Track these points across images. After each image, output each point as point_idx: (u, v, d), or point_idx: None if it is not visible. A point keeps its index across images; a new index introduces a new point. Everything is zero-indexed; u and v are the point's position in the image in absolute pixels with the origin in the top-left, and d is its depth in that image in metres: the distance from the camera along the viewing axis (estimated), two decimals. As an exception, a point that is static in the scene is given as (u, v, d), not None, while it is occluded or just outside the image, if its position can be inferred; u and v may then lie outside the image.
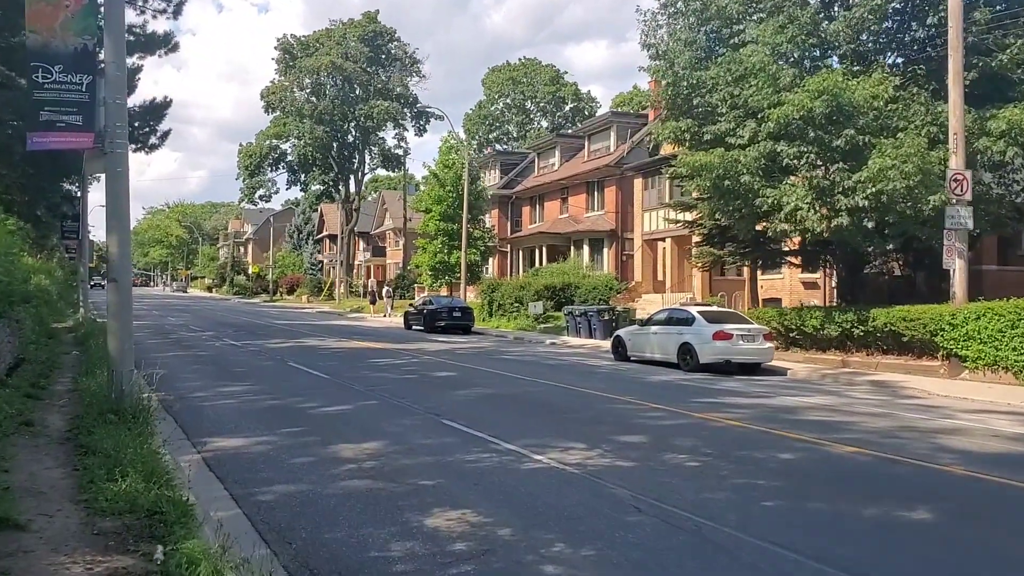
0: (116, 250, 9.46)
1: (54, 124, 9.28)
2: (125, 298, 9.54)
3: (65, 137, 9.36)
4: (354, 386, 14.40)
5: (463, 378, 15.95)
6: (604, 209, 39.51)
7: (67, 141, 9.41)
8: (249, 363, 18.30)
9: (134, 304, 32.97)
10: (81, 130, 9.34)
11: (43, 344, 19.04)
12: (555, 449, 8.98)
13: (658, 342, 19.58)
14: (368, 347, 23.46)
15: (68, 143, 9.44)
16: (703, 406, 12.62)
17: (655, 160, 34.86)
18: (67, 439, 8.79)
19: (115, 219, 9.49)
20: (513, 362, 19.75)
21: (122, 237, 9.53)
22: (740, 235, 21.83)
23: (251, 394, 13.44)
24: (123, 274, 9.54)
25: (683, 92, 20.51)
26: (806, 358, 20.15)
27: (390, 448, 9.04)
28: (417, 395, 13.32)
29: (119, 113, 9.44)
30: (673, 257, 33.92)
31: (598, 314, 27.15)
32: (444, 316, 31.12)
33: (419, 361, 19.28)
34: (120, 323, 9.44)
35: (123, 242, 9.54)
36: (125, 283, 9.57)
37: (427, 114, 59.08)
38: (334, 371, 16.61)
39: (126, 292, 9.56)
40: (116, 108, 9.41)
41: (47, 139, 9.40)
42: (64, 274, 40.28)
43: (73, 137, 9.37)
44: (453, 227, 41.87)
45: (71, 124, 9.31)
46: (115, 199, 9.49)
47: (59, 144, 9.45)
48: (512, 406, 12.52)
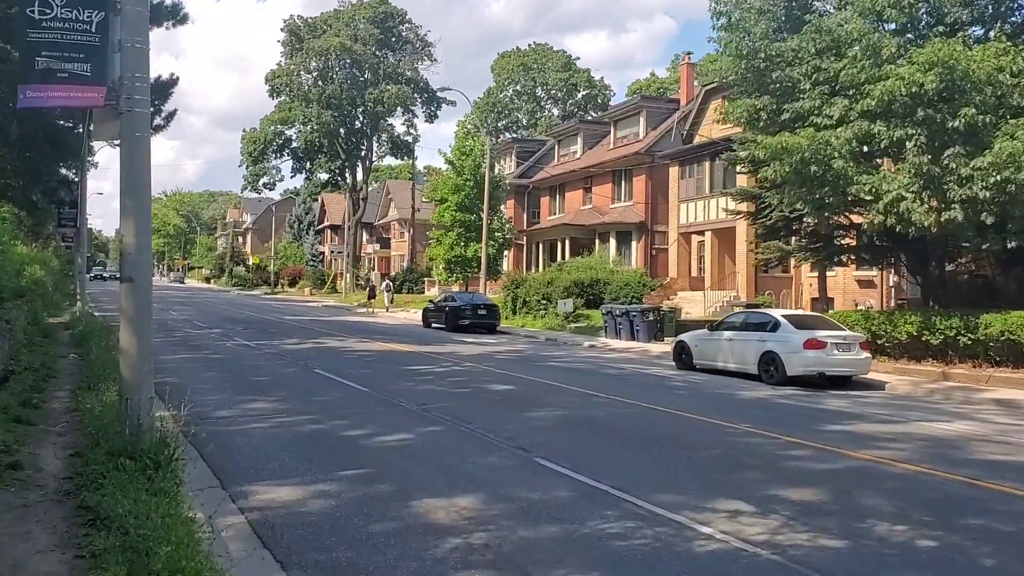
0: (133, 240, 7.19)
1: (54, 74, 6.99)
2: (143, 303, 7.27)
3: (68, 91, 7.07)
4: (401, 402, 12.18)
5: (525, 393, 13.73)
6: (632, 200, 37.26)
7: (70, 96, 7.11)
8: (270, 370, 16.04)
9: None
10: (89, 82, 7.05)
11: (37, 346, 16.75)
12: (716, 513, 6.77)
13: (733, 350, 17.37)
14: (396, 349, 21.21)
15: (71, 99, 7.15)
16: (845, 438, 10.43)
17: (695, 147, 32.63)
18: (67, 493, 6.55)
19: (132, 198, 7.21)
20: (566, 371, 17.54)
21: (140, 223, 7.25)
22: (820, 228, 19.58)
23: (284, 413, 11.19)
24: (142, 271, 7.27)
25: (759, 65, 18.25)
26: (896, 368, 17.95)
27: (493, 507, 6.83)
28: (484, 417, 11.09)
29: (139, 60, 7.15)
30: (714, 252, 31.70)
31: (641, 314, 24.93)
32: (468, 314, 28.88)
33: (461, 369, 17.04)
34: (137, 336, 7.18)
35: (142, 229, 7.26)
36: (144, 283, 7.30)
37: (438, 100, 56.58)
38: (371, 382, 14.37)
39: (145, 295, 7.30)
40: (135, 54, 7.12)
41: (44, 93, 7.10)
42: (60, 264, 37.91)
43: (78, 91, 7.08)
44: (470, 218, 39.59)
45: (76, 74, 7.02)
46: (133, 173, 7.22)
47: (60, 100, 7.15)
48: (608, 436, 10.29)
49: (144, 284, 7.30)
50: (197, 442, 9.08)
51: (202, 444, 8.90)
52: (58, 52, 7.00)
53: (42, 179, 27.11)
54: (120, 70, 7.09)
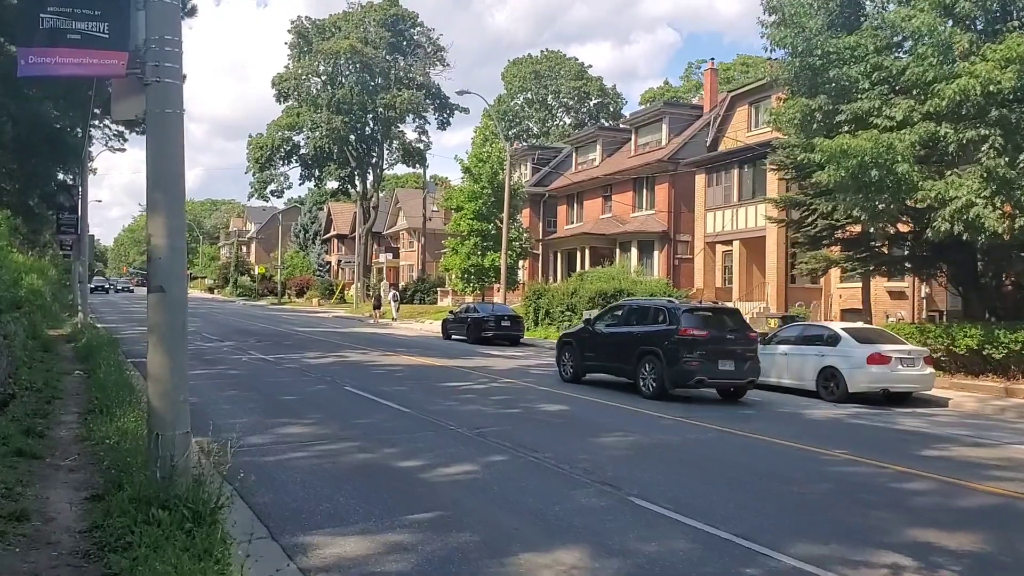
0: (164, 242, 5.94)
1: (63, 35, 5.74)
2: (177, 319, 6.01)
3: (80, 57, 5.81)
4: (450, 426, 10.92)
5: (581, 414, 12.47)
6: (654, 208, 36.06)
7: (83, 63, 5.85)
8: (297, 388, 14.76)
9: (134, 307, 28.16)
10: (106, 46, 5.81)
11: (38, 362, 15.48)
12: (875, 569, 5.64)
13: (788, 365, 16.14)
14: (424, 364, 19.92)
15: (85, 66, 5.88)
16: (953, 467, 9.33)
17: (723, 153, 31.46)
18: (87, 555, 5.28)
19: (162, 191, 5.97)
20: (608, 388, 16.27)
21: (173, 222, 6.00)
22: (875, 237, 18.36)
23: (324, 440, 9.92)
24: (174, 279, 6.03)
25: (814, 63, 17.04)
26: (954, 384, 16.75)
27: (607, 564, 5.63)
28: (548, 444, 9.82)
29: (169, 19, 5.94)
30: (742, 262, 30.46)
31: (677, 326, 23.59)
32: (492, 326, 27.60)
33: (501, 386, 15.76)
34: (170, 359, 5.92)
35: (175, 229, 6.01)
36: (177, 294, 6.05)
37: (451, 106, 55.38)
38: (410, 401, 13.09)
39: (178, 309, 6.04)
40: (164, 11, 5.92)
41: (50, 59, 5.82)
42: (58, 273, 36.64)
43: (93, 57, 5.83)
44: (487, 227, 38.41)
45: (91, 35, 5.78)
46: (163, 160, 5.98)
47: (70, 67, 5.87)
48: (696, 468, 9.03)
49: (178, 295, 6.04)
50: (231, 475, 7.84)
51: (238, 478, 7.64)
52: (68, 8, 5.75)
53: (40, 183, 25.89)
54: (145, 32, 5.86)
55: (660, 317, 14.69)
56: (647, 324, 14.95)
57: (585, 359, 16.19)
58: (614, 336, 15.56)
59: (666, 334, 14.11)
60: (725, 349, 14.10)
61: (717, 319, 14.78)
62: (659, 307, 15.09)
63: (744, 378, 14.37)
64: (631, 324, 15.42)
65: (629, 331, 15.23)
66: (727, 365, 14.01)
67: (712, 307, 17.02)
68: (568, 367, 16.67)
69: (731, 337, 14.33)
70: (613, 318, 16.23)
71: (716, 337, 14.08)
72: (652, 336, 14.45)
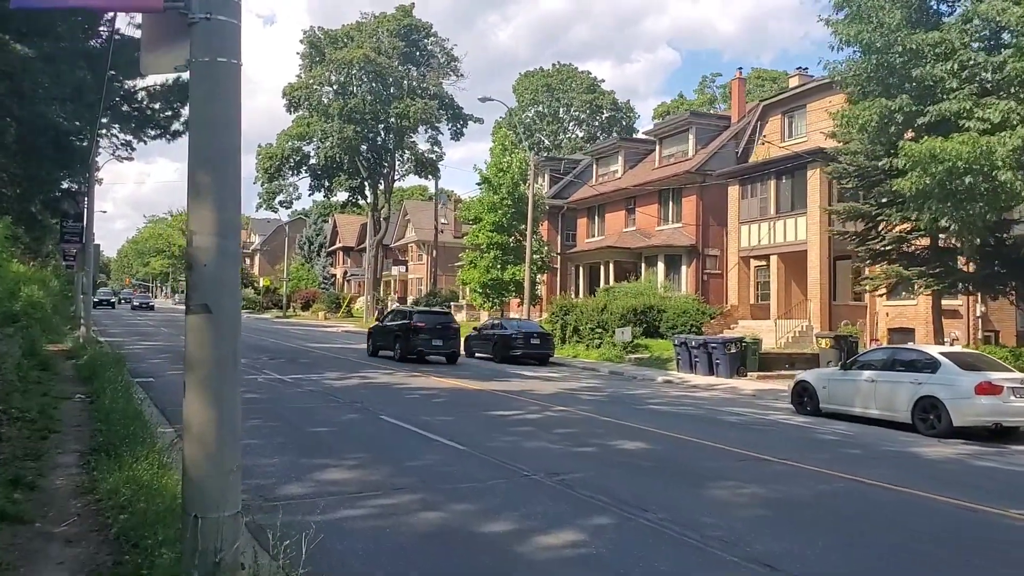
0: (211, 242, 4.24)
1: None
2: (228, 353, 4.31)
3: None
4: (522, 470, 9.19)
5: (667, 454, 10.74)
6: (681, 221, 34.39)
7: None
8: (327, 416, 13.00)
9: (137, 319, 25.48)
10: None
11: (33, 382, 13.72)
12: None
13: (876, 393, 14.39)
14: (459, 387, 18.18)
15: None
16: None
17: (759, 164, 29.85)
18: None
19: (211, 170, 4.28)
20: (678, 417, 14.55)
21: (226, 214, 4.31)
22: (964, 250, 16.68)
23: (378, 490, 8.18)
24: (226, 295, 4.32)
25: (893, 61, 15.40)
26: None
27: None
28: (653, 497, 8.13)
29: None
30: (780, 278, 28.74)
31: (723, 346, 21.93)
32: (520, 344, 25.84)
33: (558, 416, 14.00)
34: (217, 409, 4.21)
35: (227, 224, 4.31)
36: (229, 316, 4.34)
37: (464, 117, 53.80)
38: (461, 435, 11.35)
39: (230, 338, 4.33)
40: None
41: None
42: (60, 284, 34.90)
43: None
44: (507, 239, 36.77)
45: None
46: (212, 126, 4.30)
47: None
48: (854, 535, 7.27)
49: (229, 317, 4.33)
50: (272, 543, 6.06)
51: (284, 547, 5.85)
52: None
53: (43, 188, 24.20)
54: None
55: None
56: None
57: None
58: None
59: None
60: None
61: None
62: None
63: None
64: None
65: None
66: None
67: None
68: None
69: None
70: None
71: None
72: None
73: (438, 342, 24.38)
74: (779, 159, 28.74)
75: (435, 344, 24.30)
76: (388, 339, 25.56)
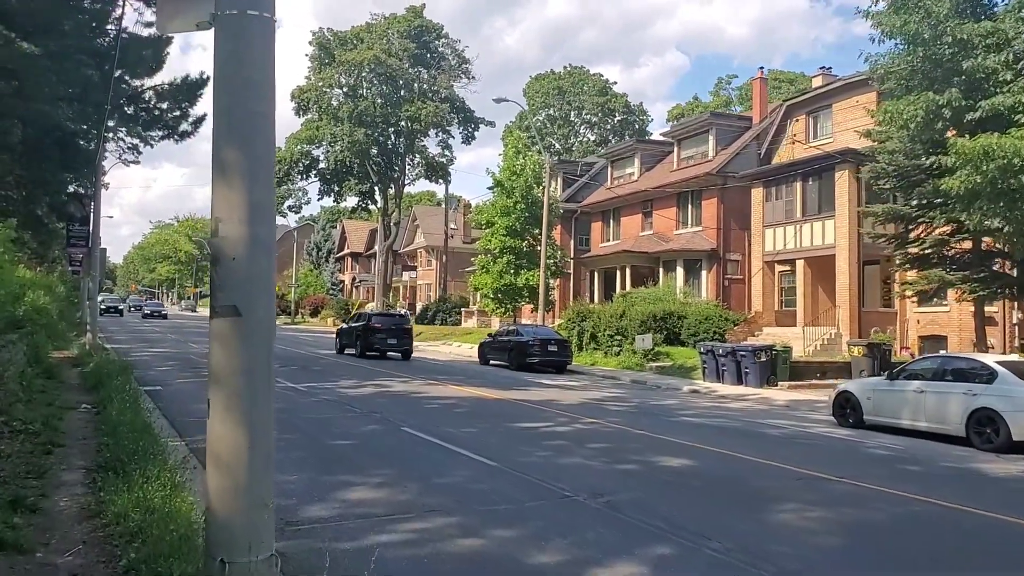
0: (241, 230, 3.49)
1: None
2: (260, 364, 3.56)
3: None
4: (563, 489, 8.44)
5: (714, 472, 9.96)
6: (701, 225, 33.59)
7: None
8: (346, 428, 12.27)
9: (143, 326, 24.46)
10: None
11: (38, 391, 13.01)
12: None
13: (926, 404, 13.58)
14: (478, 396, 17.43)
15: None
16: None
17: (784, 165, 29.07)
18: None
19: (239, 145, 3.54)
20: (714, 429, 13.79)
21: (258, 196, 3.58)
22: (1017, 253, 15.87)
23: (409, 512, 7.44)
24: (258, 293, 3.57)
25: (941, 53, 14.62)
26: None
27: None
28: (712, 522, 7.38)
29: None
30: (806, 283, 27.92)
31: (752, 355, 21.12)
32: (537, 351, 25.08)
33: (588, 428, 13.24)
34: (249, 435, 3.47)
35: (259, 209, 3.57)
36: (263, 320, 3.59)
37: (476, 120, 53.12)
38: (490, 449, 10.60)
39: (263, 346, 3.58)
40: None
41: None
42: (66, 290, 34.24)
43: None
44: (521, 244, 36.04)
45: None
46: (242, 91, 3.56)
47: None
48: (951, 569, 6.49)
49: (263, 321, 3.58)
50: None
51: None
52: None
53: (49, 190, 23.56)
54: None
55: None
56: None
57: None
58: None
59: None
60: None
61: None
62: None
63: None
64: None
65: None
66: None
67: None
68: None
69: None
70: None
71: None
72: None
73: (393, 341, 27.37)
74: (806, 160, 27.95)
75: (390, 343, 27.34)
76: (351, 338, 28.78)
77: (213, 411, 3.54)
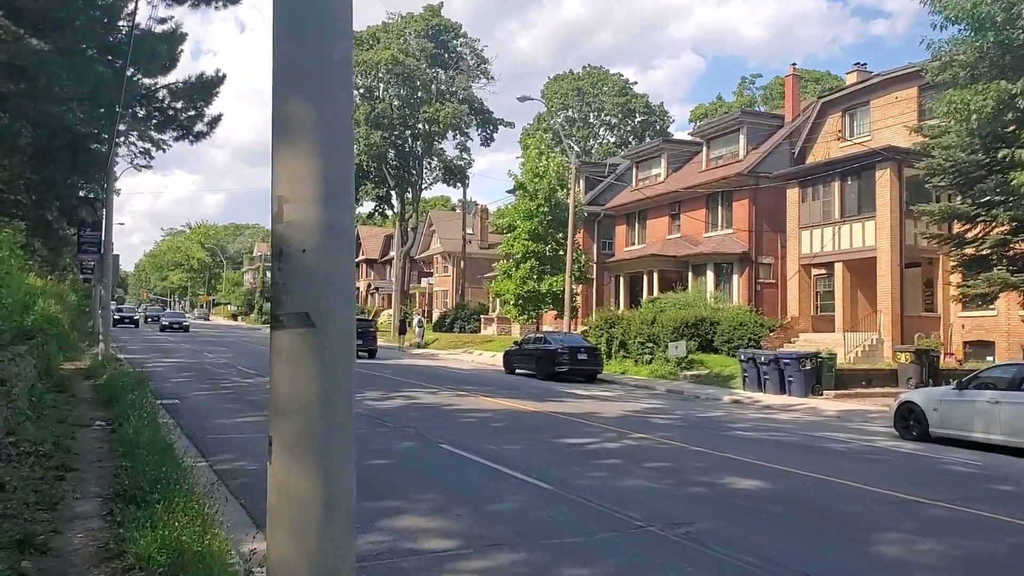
0: (313, 212, 2.58)
1: None
2: (338, 385, 2.62)
3: None
4: (632, 518, 7.53)
5: (795, 495, 8.98)
6: (732, 227, 32.56)
7: None
8: (381, 445, 11.36)
9: (156, 336, 23.14)
10: None
11: (48, 406, 12.18)
12: None
13: (1001, 416, 12.56)
14: (514, 408, 16.50)
15: None
16: None
17: (821, 164, 28.03)
18: None
19: (306, 95, 2.62)
20: (772, 444, 12.83)
21: (333, 167, 2.65)
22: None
23: (467, 546, 6.57)
24: (336, 296, 2.65)
25: (1014, 38, 13.63)
26: None
27: None
28: (812, 558, 6.51)
29: None
30: (845, 287, 26.86)
31: (797, 362, 20.10)
32: (566, 360, 24.13)
33: (641, 446, 12.28)
34: (324, 476, 2.54)
35: (336, 184, 2.66)
36: (340, 327, 2.66)
37: (495, 122, 52.28)
38: (539, 469, 9.69)
39: (343, 358, 2.66)
40: None
41: None
42: (78, 298, 33.55)
43: None
44: (544, 248, 35.12)
45: None
46: (313, 27, 2.64)
47: None
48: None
49: (341, 331, 2.66)
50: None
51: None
52: None
53: (59, 194, 22.80)
54: None
55: None
56: None
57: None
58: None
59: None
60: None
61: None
62: None
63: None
64: None
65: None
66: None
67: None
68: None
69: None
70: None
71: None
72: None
73: (359, 341, 29.07)
74: (845, 159, 26.89)
75: (356, 343, 31.33)
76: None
77: (276, 454, 2.63)
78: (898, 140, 25.33)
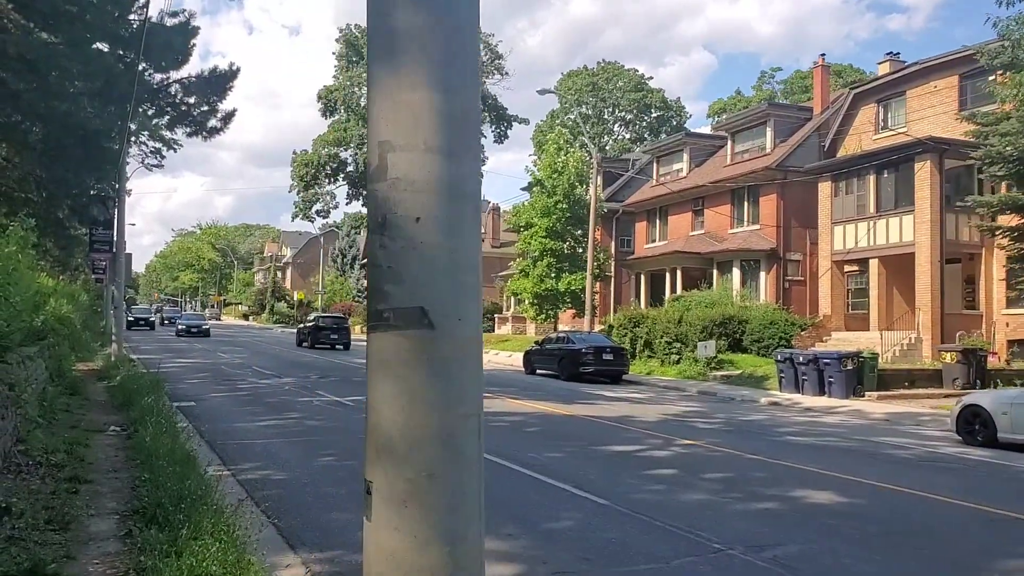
0: (433, 168, 1.80)
1: None
2: (466, 413, 1.82)
3: None
4: (709, 540, 6.74)
5: (886, 513, 8.15)
6: (759, 223, 31.65)
7: None
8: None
9: (167, 335, 21.70)
10: None
11: (61, 411, 11.49)
12: None
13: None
14: (544, 411, 15.72)
15: None
16: None
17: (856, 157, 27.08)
18: None
19: (424, 10, 1.82)
20: (833, 451, 12.02)
21: (456, 103, 1.85)
22: None
23: (532, 573, 5.76)
24: (463, 287, 1.85)
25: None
26: None
27: None
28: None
29: None
30: (881, 285, 25.94)
31: (838, 362, 19.23)
32: (591, 360, 23.30)
33: (691, 453, 11.46)
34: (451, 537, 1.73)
35: (460, 126, 1.85)
36: (467, 331, 1.86)
37: (508, 118, 51.53)
38: (586, 480, 8.94)
39: (471, 374, 1.86)
40: None
41: None
42: (90, 298, 32.95)
43: None
44: (562, 246, 34.31)
45: None
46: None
47: None
48: None
49: (468, 336, 1.86)
50: None
51: None
52: None
53: (70, 192, 22.16)
54: None
55: None
56: None
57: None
58: None
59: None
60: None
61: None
62: None
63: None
64: None
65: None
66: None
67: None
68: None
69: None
70: None
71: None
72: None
73: (335, 336, 37.04)
74: (880, 151, 25.91)
75: (332, 337, 36.80)
76: (304, 335, 38.31)
77: (378, 507, 1.86)
78: (937, 130, 24.40)
